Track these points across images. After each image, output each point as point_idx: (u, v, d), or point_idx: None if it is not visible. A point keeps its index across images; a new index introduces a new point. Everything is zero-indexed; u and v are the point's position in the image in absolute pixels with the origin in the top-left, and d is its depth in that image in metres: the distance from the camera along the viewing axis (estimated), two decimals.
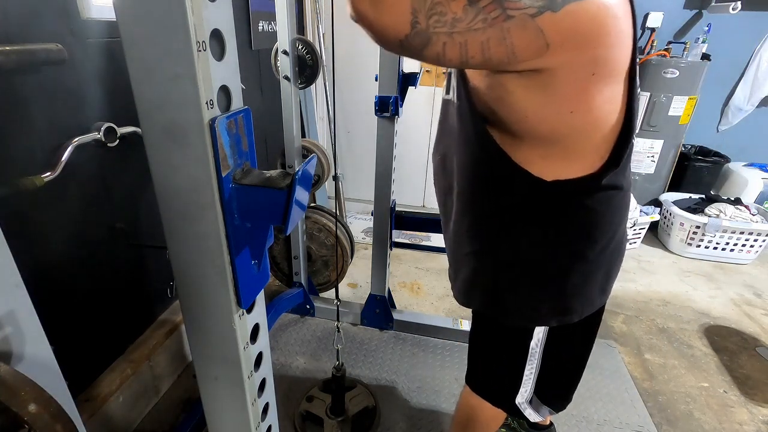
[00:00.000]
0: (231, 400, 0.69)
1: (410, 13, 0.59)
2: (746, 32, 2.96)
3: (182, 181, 0.52)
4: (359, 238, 3.09)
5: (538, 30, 0.57)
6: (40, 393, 0.54)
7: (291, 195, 0.52)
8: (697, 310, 2.41)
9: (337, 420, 1.55)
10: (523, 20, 0.56)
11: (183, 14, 0.43)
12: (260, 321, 0.69)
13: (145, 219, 1.54)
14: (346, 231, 2.13)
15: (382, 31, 0.63)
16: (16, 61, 1.00)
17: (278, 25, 1.55)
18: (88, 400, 1.36)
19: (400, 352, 1.96)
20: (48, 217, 1.18)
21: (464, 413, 1.16)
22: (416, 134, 3.19)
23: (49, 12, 1.11)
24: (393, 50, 0.65)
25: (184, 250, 0.57)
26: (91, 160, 1.29)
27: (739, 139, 3.28)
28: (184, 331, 1.64)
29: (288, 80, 1.64)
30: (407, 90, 1.68)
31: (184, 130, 0.49)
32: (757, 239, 2.76)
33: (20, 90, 1.06)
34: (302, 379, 1.79)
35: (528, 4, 0.56)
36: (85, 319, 1.36)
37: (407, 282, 2.59)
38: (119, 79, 1.34)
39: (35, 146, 1.11)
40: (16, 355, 0.81)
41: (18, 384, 0.53)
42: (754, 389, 1.87)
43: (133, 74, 0.48)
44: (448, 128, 0.87)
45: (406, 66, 1.66)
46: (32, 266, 1.16)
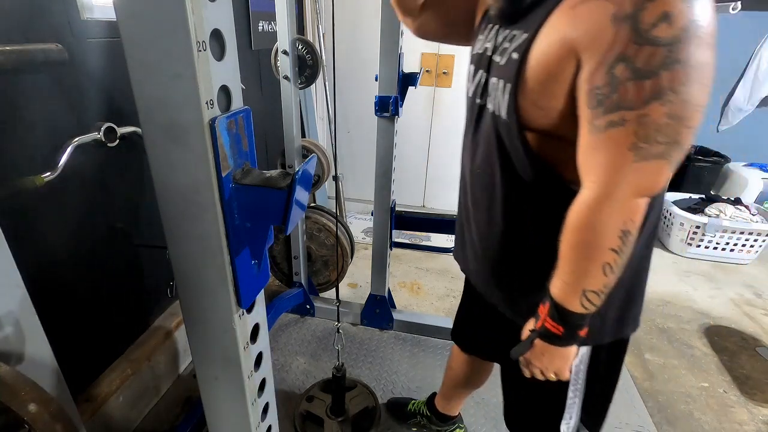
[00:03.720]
0: (231, 400, 0.69)
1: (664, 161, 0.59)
2: (746, 32, 2.96)
3: (182, 181, 0.52)
4: (359, 238, 3.09)
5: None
6: (40, 393, 0.54)
7: (291, 195, 0.52)
8: (697, 310, 2.41)
9: (337, 420, 1.55)
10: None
11: (183, 14, 0.43)
12: (260, 321, 0.69)
13: (145, 219, 1.54)
14: (346, 231, 2.13)
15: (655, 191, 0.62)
16: (16, 61, 1.00)
17: (278, 25, 1.55)
18: (88, 400, 1.36)
19: (400, 352, 1.96)
20: (48, 217, 1.18)
21: None
22: (416, 134, 3.19)
23: (49, 12, 1.11)
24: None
25: (184, 250, 0.57)
26: (91, 160, 1.29)
27: (739, 139, 3.28)
28: (184, 330, 1.65)
29: (288, 80, 1.64)
30: (407, 90, 1.68)
31: (184, 130, 0.49)
32: (757, 239, 2.76)
33: (20, 90, 1.06)
34: (302, 379, 1.79)
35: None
36: (85, 319, 1.36)
37: (407, 282, 2.59)
38: (119, 79, 1.34)
39: (35, 146, 1.11)
40: (16, 355, 0.81)
41: (18, 384, 0.53)
42: (754, 389, 1.87)
43: (133, 74, 0.48)
44: (488, 140, 0.81)
45: (406, 66, 1.66)
46: (32, 266, 1.16)
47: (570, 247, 0.66)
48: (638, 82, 0.55)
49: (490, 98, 0.78)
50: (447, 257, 2.83)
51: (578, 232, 0.64)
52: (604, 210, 0.61)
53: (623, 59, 0.56)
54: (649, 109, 0.56)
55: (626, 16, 0.54)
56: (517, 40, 0.70)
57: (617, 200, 0.60)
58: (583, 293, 0.67)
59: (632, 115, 0.56)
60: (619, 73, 0.56)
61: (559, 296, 0.69)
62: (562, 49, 0.62)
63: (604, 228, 0.62)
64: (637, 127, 0.57)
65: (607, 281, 0.66)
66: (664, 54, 0.54)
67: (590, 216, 0.62)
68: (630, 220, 0.62)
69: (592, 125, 0.60)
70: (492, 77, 0.77)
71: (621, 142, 0.58)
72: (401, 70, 1.62)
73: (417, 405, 1.58)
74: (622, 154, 0.58)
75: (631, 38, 0.55)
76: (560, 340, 0.72)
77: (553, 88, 0.65)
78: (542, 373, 0.79)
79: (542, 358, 0.76)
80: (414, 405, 1.59)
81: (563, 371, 0.77)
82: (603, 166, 0.60)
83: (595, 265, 0.64)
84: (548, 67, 0.64)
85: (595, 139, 0.60)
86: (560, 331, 0.71)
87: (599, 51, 0.57)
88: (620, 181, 0.59)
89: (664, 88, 0.54)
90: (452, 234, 2.02)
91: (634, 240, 0.63)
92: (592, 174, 0.62)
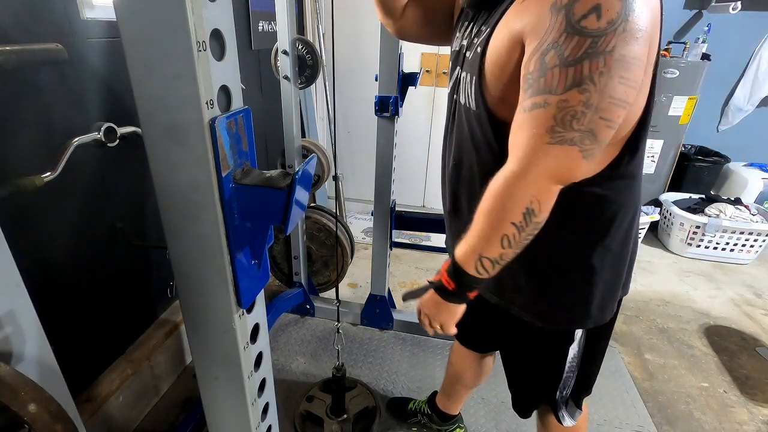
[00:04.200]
0: (231, 400, 0.69)
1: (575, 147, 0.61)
2: (746, 32, 2.96)
3: (182, 181, 0.52)
4: (359, 238, 3.09)
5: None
6: (40, 393, 0.54)
7: (291, 195, 0.52)
8: (697, 310, 2.40)
9: (337, 420, 1.55)
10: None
11: (183, 14, 0.43)
12: (260, 321, 0.69)
13: (145, 219, 1.54)
14: (346, 231, 2.13)
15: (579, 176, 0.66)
16: (16, 61, 0.99)
17: (278, 25, 1.55)
18: (88, 400, 1.36)
19: (400, 352, 1.96)
20: (48, 217, 1.18)
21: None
22: (416, 134, 3.19)
23: (49, 12, 1.11)
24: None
25: (184, 250, 0.57)
26: (91, 160, 1.29)
27: (739, 139, 3.28)
28: (184, 331, 1.64)
29: (288, 80, 1.64)
30: (407, 90, 1.68)
31: (184, 130, 0.49)
32: (757, 239, 2.76)
33: (20, 90, 1.06)
34: (302, 379, 1.79)
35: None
36: (85, 318, 1.36)
37: (407, 282, 2.58)
38: (119, 79, 1.34)
39: (35, 146, 1.11)
40: (16, 355, 0.81)
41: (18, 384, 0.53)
42: (754, 389, 1.87)
43: (133, 74, 0.48)
44: (461, 132, 0.85)
45: (406, 66, 1.66)
46: (32, 266, 1.16)
47: (480, 212, 0.69)
48: (563, 69, 0.58)
49: (462, 92, 0.81)
50: (447, 257, 2.83)
51: (490, 200, 0.67)
52: (515, 183, 0.64)
53: (554, 46, 0.58)
54: (568, 95, 0.58)
55: (563, 6, 0.57)
56: (481, 35, 0.74)
57: (528, 177, 0.63)
58: (479, 258, 0.70)
59: (554, 99, 0.59)
60: (548, 59, 0.59)
61: (460, 256, 0.73)
62: (511, 40, 0.65)
63: (511, 201, 0.65)
64: (557, 111, 0.59)
65: (503, 253, 0.69)
66: (588, 44, 0.56)
67: (503, 187, 0.65)
68: (536, 199, 0.64)
69: (521, 106, 0.64)
70: (463, 72, 0.80)
71: (541, 123, 0.61)
72: (401, 70, 1.62)
73: (417, 404, 1.58)
74: (540, 134, 0.61)
75: (564, 27, 0.57)
76: (449, 295, 0.77)
77: (506, 78, 0.69)
78: (430, 323, 0.84)
79: (431, 307, 0.82)
80: (414, 404, 1.59)
81: (448, 325, 0.82)
82: (522, 143, 0.63)
83: (496, 234, 0.67)
84: (500, 58, 0.68)
85: (521, 118, 0.64)
86: (452, 287, 0.76)
87: (537, 38, 0.61)
88: (534, 159, 0.62)
89: (585, 77, 0.57)
90: None
91: (537, 222, 0.66)
92: (513, 149, 0.66)
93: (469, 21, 0.82)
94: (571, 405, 1.04)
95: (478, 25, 0.77)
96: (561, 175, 0.63)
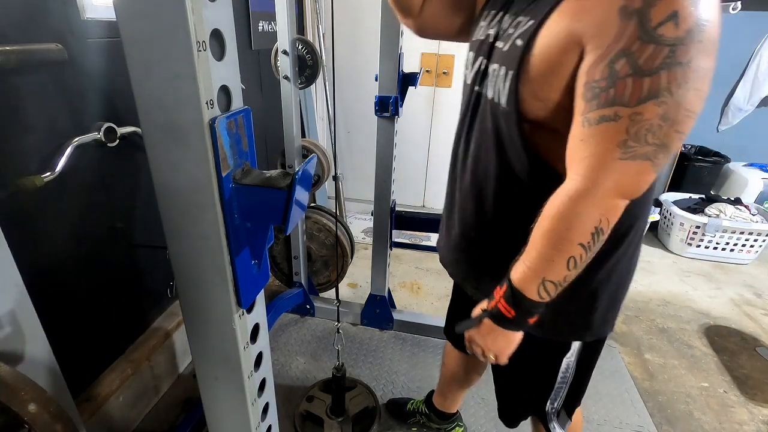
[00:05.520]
0: (231, 400, 0.69)
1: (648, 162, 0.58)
2: (746, 32, 2.96)
3: (182, 181, 0.52)
4: (359, 238, 3.09)
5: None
6: (40, 393, 0.54)
7: (291, 195, 0.52)
8: (697, 310, 2.41)
9: (337, 420, 1.55)
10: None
11: (183, 14, 0.43)
12: (260, 321, 0.69)
13: (145, 219, 1.54)
14: (346, 231, 2.13)
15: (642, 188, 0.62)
16: (16, 61, 1.00)
17: (278, 25, 1.55)
18: (88, 400, 1.36)
19: (400, 352, 1.96)
20: (48, 217, 1.18)
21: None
22: (416, 134, 3.19)
23: (49, 12, 1.11)
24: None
25: (184, 250, 0.57)
26: (91, 160, 1.29)
27: (739, 139, 3.28)
28: (184, 331, 1.64)
29: (288, 80, 1.64)
30: (407, 90, 1.68)
31: (184, 129, 0.49)
32: (757, 239, 2.76)
33: (20, 90, 1.06)
34: (302, 379, 1.79)
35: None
36: (85, 318, 1.36)
37: (407, 282, 2.59)
38: (119, 79, 1.33)
39: (35, 146, 1.11)
40: (16, 355, 0.81)
41: (18, 384, 0.53)
42: (754, 389, 1.87)
43: (133, 74, 0.48)
44: (484, 127, 0.80)
45: (406, 66, 1.66)
46: (32, 266, 1.16)
47: (542, 234, 0.66)
48: (637, 79, 0.55)
49: (490, 85, 0.76)
50: None
51: (553, 220, 0.64)
52: (583, 203, 0.60)
53: (626, 54, 0.55)
54: (644, 107, 0.55)
55: (635, 11, 0.54)
56: (522, 27, 0.68)
57: (597, 196, 0.60)
58: (542, 282, 0.67)
59: (626, 111, 0.56)
60: (619, 67, 0.55)
61: (519, 281, 0.69)
62: (567, 40, 0.61)
63: (579, 221, 0.61)
64: (630, 125, 0.56)
65: (568, 275, 0.66)
66: (666, 54, 0.53)
67: (568, 207, 0.62)
68: (605, 218, 0.61)
69: (584, 117, 0.60)
70: (493, 64, 0.75)
71: (611, 138, 0.57)
72: (401, 70, 1.62)
73: (416, 404, 1.59)
74: (610, 149, 0.58)
75: (637, 34, 0.54)
76: (509, 324, 0.73)
77: (554, 79, 0.64)
78: (483, 353, 0.79)
79: (487, 337, 0.76)
80: (413, 404, 1.60)
81: (503, 354, 0.78)
82: (589, 159, 0.60)
83: (562, 256, 0.64)
84: (551, 57, 0.63)
85: (586, 132, 0.60)
86: (511, 315, 0.71)
87: (603, 43, 0.56)
88: (604, 176, 0.59)
89: (662, 88, 0.54)
90: None
91: (604, 240, 0.63)
92: (577, 166, 0.61)
93: (498, 9, 0.77)
94: (563, 416, 1.01)
95: (513, 14, 0.72)
96: (631, 191, 0.60)
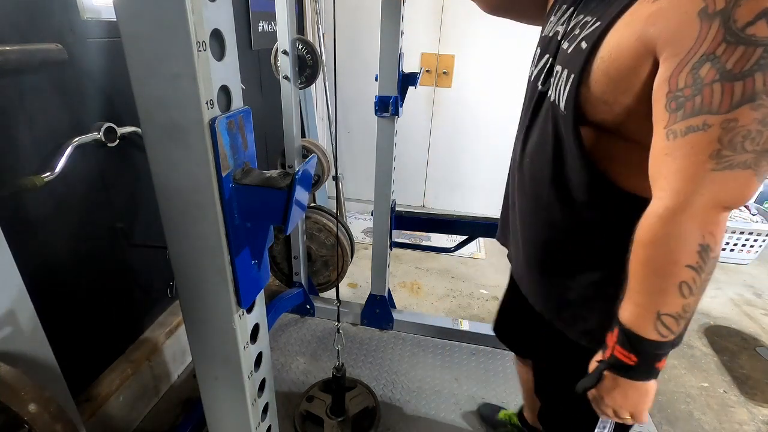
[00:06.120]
0: (231, 400, 0.69)
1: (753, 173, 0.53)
2: None
3: (182, 181, 0.52)
4: (359, 238, 3.09)
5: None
6: (40, 393, 0.54)
7: (291, 195, 0.52)
8: (697, 310, 2.40)
9: (337, 420, 1.55)
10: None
11: (183, 14, 0.43)
12: (260, 321, 0.69)
13: (145, 219, 1.54)
14: (346, 231, 2.13)
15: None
16: (16, 61, 1.00)
17: (278, 25, 1.55)
18: (88, 400, 1.36)
19: (400, 352, 1.96)
20: (48, 217, 1.18)
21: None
22: (416, 134, 3.19)
23: (49, 12, 1.11)
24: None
25: (184, 250, 0.57)
26: (91, 160, 1.29)
27: None
28: (184, 330, 1.64)
29: (288, 80, 1.64)
30: (407, 90, 1.68)
31: (184, 129, 0.49)
32: (757, 239, 2.76)
33: (20, 90, 1.06)
34: (302, 379, 1.79)
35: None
36: (85, 318, 1.36)
37: (407, 282, 2.59)
38: (119, 79, 1.33)
39: (35, 146, 1.11)
40: (16, 355, 0.81)
41: (18, 384, 0.53)
42: (754, 389, 1.87)
43: (133, 74, 0.48)
44: (544, 129, 0.77)
45: (406, 66, 1.66)
46: (32, 266, 1.16)
47: (641, 263, 0.60)
48: (727, 84, 0.51)
49: (554, 87, 0.73)
50: (447, 257, 2.83)
51: (649, 246, 0.58)
52: (679, 221, 0.55)
53: (710, 59, 0.51)
54: (737, 113, 0.51)
55: (716, 11, 0.50)
56: (587, 28, 0.65)
57: (694, 211, 0.54)
58: (657, 317, 0.59)
59: (716, 119, 0.52)
60: (704, 73, 0.52)
61: (630, 321, 0.62)
62: (639, 45, 0.57)
63: (679, 242, 0.56)
64: (722, 133, 0.52)
65: (685, 303, 0.59)
66: (760, 54, 0.49)
67: (662, 228, 0.56)
68: (709, 233, 0.55)
69: (668, 130, 0.55)
70: (557, 64, 0.73)
71: (701, 149, 0.53)
72: (401, 70, 1.62)
73: (508, 414, 1.55)
74: (701, 162, 0.53)
75: (722, 36, 0.50)
76: (634, 372, 0.64)
77: (624, 84, 0.61)
78: (615, 413, 0.69)
79: (613, 393, 0.67)
80: (506, 414, 1.56)
81: (640, 411, 0.67)
82: (678, 174, 0.55)
83: (670, 283, 0.57)
84: (621, 62, 0.60)
85: (671, 145, 0.55)
86: (633, 362, 0.62)
87: (682, 49, 0.53)
88: (697, 190, 0.54)
89: (758, 91, 0.50)
90: (452, 234, 2.04)
91: (715, 257, 0.56)
92: (664, 182, 0.57)
93: (570, 4, 0.74)
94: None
95: (581, 12, 0.69)
96: (733, 202, 0.55)
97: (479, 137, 3.11)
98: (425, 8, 2.81)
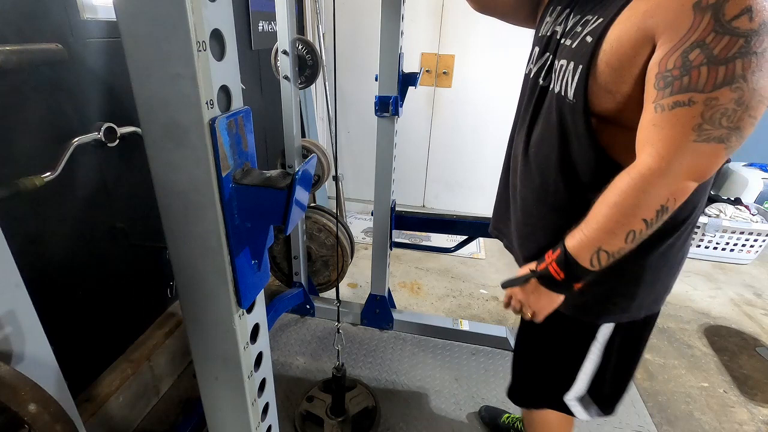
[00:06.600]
0: (231, 400, 0.69)
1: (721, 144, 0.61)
2: None
3: (182, 181, 0.52)
4: (359, 238, 3.09)
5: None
6: (40, 393, 0.54)
7: (291, 195, 0.52)
8: (697, 310, 2.40)
9: (337, 420, 1.55)
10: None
11: (183, 14, 0.43)
12: (260, 321, 0.69)
13: (145, 219, 1.54)
14: (346, 231, 2.13)
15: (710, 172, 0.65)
16: (16, 61, 1.00)
17: (278, 25, 1.55)
18: (88, 400, 1.36)
19: (400, 352, 1.96)
20: (48, 217, 1.18)
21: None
22: (416, 134, 3.19)
23: (49, 12, 1.11)
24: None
25: (184, 250, 0.57)
26: (91, 160, 1.29)
27: None
28: (184, 331, 1.64)
29: (288, 80, 1.64)
30: (407, 90, 1.68)
31: (184, 129, 0.49)
32: (757, 239, 2.76)
33: (20, 90, 1.06)
34: (302, 379, 1.79)
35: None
36: (85, 318, 1.36)
37: (407, 282, 2.59)
38: (119, 79, 1.34)
39: (35, 146, 1.11)
40: (16, 355, 0.81)
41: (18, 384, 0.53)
42: (754, 389, 1.87)
43: (133, 74, 0.48)
44: (548, 119, 0.83)
45: (406, 66, 1.66)
46: (32, 266, 1.16)
47: (607, 205, 0.68)
48: (713, 67, 0.58)
49: (556, 80, 0.80)
50: (447, 257, 2.83)
51: (622, 194, 0.66)
52: (653, 181, 0.63)
53: (700, 45, 0.59)
54: (719, 93, 0.59)
55: (710, 5, 0.58)
56: (590, 25, 0.72)
57: (670, 175, 0.63)
58: (597, 251, 0.70)
59: (701, 97, 0.59)
60: (693, 57, 0.59)
61: (574, 247, 0.72)
62: (639, 35, 0.64)
63: (647, 197, 0.64)
64: (704, 109, 0.60)
65: (623, 248, 0.69)
66: (741, 44, 0.57)
67: (639, 182, 0.64)
68: (673, 198, 0.64)
69: (657, 104, 0.63)
70: (560, 60, 0.79)
71: (686, 121, 0.61)
72: (401, 70, 1.62)
73: (511, 419, 1.56)
74: (685, 132, 0.61)
75: (712, 26, 0.58)
76: (555, 286, 0.77)
77: (625, 72, 0.68)
78: (521, 309, 0.84)
79: (530, 295, 0.81)
80: (509, 418, 1.57)
81: (542, 313, 0.82)
82: (664, 141, 0.63)
83: (622, 228, 0.67)
84: (622, 52, 0.67)
85: (658, 117, 0.63)
86: (560, 278, 0.75)
87: (676, 36, 0.60)
88: (678, 157, 0.62)
89: (737, 75, 0.58)
90: (452, 234, 2.04)
91: (664, 219, 0.66)
92: (650, 147, 0.64)
93: (565, 6, 0.81)
94: (587, 400, 1.00)
95: (579, 12, 0.77)
96: (701, 173, 0.64)
97: (479, 137, 3.11)
98: (425, 8, 2.81)
